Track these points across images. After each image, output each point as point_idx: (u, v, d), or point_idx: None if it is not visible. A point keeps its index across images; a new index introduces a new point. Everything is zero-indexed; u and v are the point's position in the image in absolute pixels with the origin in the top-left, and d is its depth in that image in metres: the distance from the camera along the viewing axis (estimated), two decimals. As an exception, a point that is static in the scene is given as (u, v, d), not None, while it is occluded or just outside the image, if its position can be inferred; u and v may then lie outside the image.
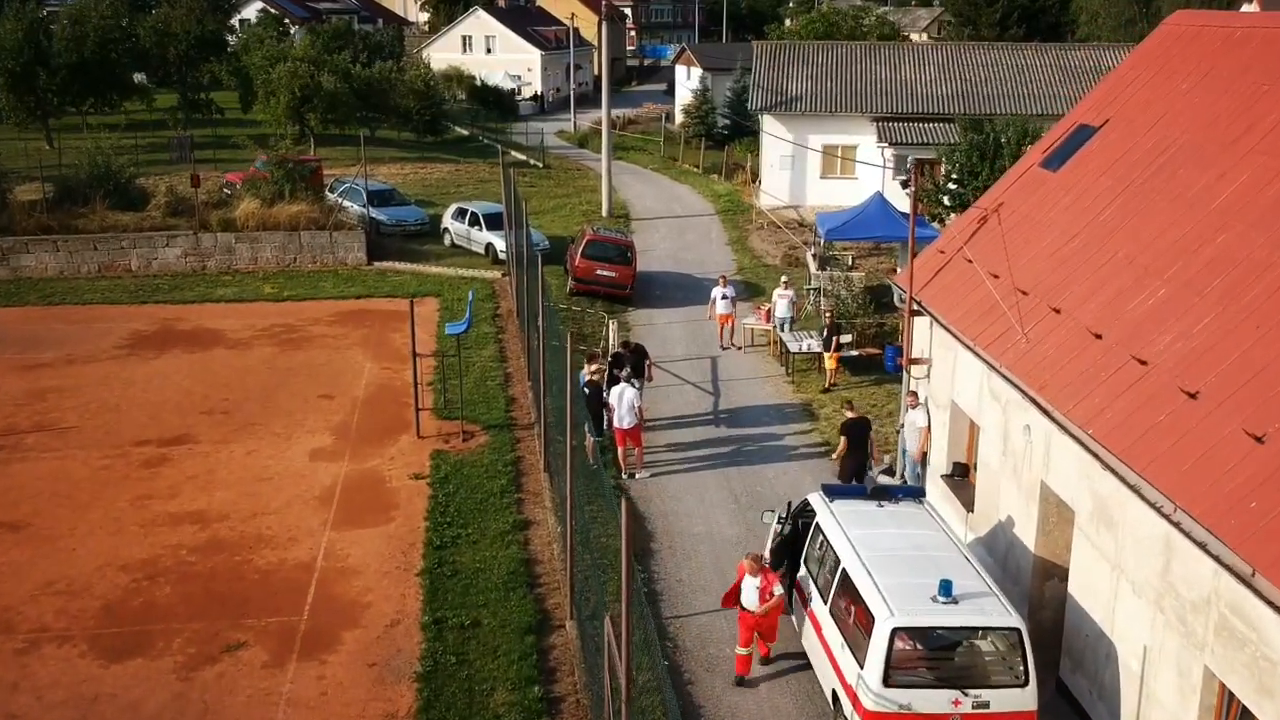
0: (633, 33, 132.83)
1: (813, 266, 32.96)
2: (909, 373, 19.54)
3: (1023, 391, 14.66)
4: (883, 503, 14.92)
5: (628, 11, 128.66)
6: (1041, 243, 16.96)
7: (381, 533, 17.97)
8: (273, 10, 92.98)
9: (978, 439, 17.60)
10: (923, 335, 19.33)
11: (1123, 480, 12.20)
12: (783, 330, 27.63)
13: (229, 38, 76.98)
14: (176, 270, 34.76)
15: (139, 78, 72.02)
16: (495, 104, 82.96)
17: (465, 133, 71.19)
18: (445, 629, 15.15)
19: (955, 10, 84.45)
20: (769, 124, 45.57)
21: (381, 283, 33.75)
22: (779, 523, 15.92)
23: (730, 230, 42.68)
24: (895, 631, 12.04)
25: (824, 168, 45.44)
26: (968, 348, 16.61)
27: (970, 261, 18.02)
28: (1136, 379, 12.82)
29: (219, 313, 30.68)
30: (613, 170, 53.62)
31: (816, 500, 15.21)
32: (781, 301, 27.86)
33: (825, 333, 26.19)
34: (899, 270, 33.58)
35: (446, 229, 38.47)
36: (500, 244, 35.63)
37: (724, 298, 28.06)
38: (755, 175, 49.19)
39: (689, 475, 21.02)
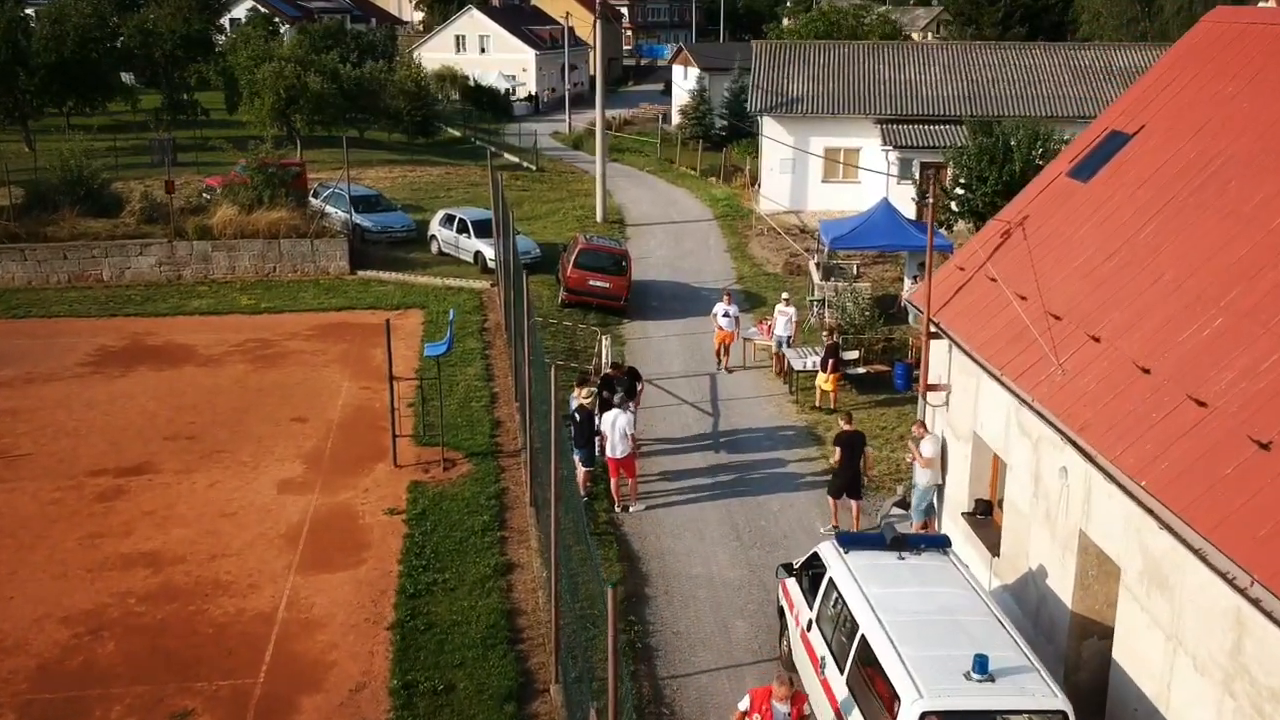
0: (629, 32, 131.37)
1: (816, 276, 31.44)
2: (926, 400, 18.01)
3: (1060, 431, 13.14)
4: (904, 555, 13.39)
5: (624, 10, 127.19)
6: (1074, 261, 15.45)
7: (351, 577, 16.43)
8: (263, 9, 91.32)
9: (1003, 475, 16.10)
10: (940, 358, 17.83)
11: (1182, 541, 10.69)
12: (779, 346, 26.06)
13: (219, 37, 75.45)
14: (150, 280, 33.21)
15: (127, 78, 70.56)
16: (489, 105, 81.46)
17: (457, 134, 69.67)
18: (416, 694, 13.61)
19: (956, 9, 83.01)
20: (769, 126, 44.07)
21: (364, 293, 32.21)
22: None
23: (729, 236, 41.17)
24: (924, 716, 10.53)
25: (826, 172, 43.96)
26: (993, 376, 15.09)
27: (994, 280, 16.52)
28: (1195, 423, 11.30)
29: (192, 326, 29.13)
30: (608, 173, 52.18)
31: (829, 552, 13.68)
32: (781, 319, 26.21)
33: (824, 354, 24.68)
34: (906, 280, 32.17)
35: (434, 236, 36.94)
36: (489, 252, 34.13)
37: (726, 315, 26.37)
38: (754, 179, 47.71)
39: (687, 508, 19.49)
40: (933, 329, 17.41)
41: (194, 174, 45.64)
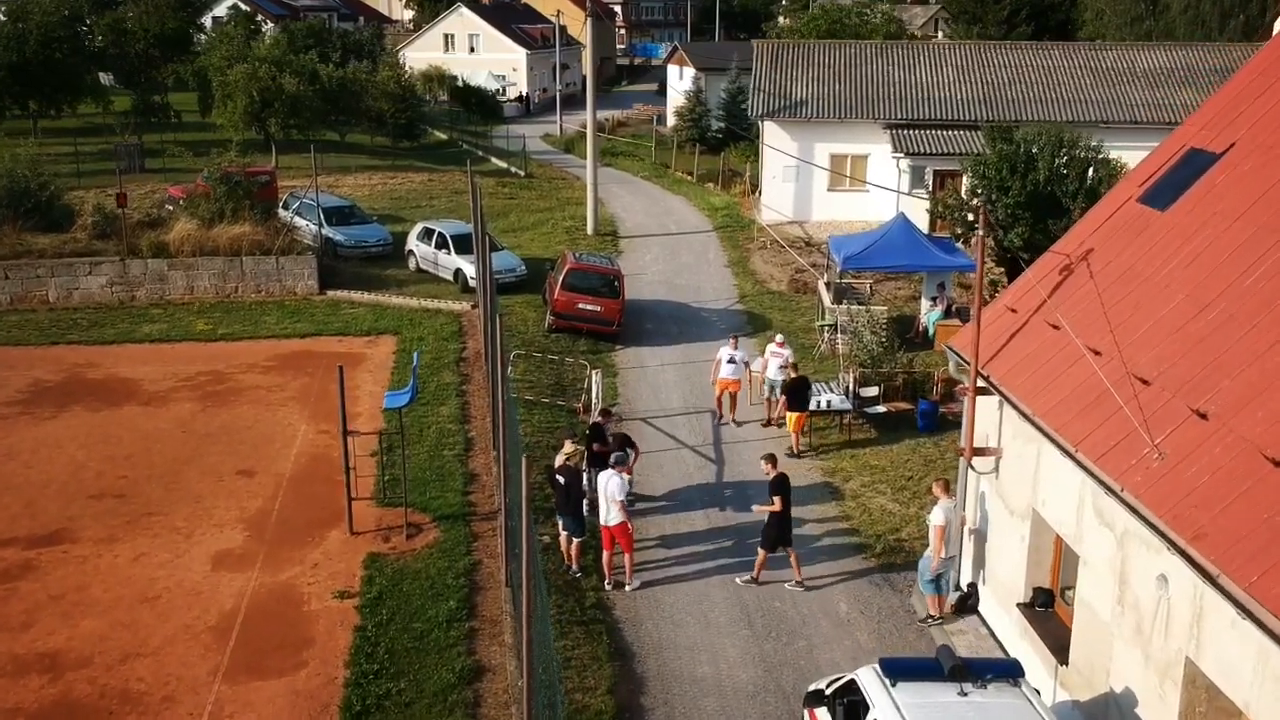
0: (622, 30, 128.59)
1: (827, 299, 28.72)
2: (972, 466, 15.31)
3: (1161, 534, 10.47)
4: (967, 688, 10.71)
5: (617, 9, 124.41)
6: (1158, 310, 12.76)
7: (288, 687, 13.70)
8: (245, 7, 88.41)
9: (1070, 564, 13.44)
10: (987, 416, 15.14)
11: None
12: (772, 391, 23.11)
13: (200, 36, 72.65)
14: (100, 302, 30.44)
15: (106, 79, 67.75)
16: (478, 106, 78.64)
17: (444, 137, 66.89)
18: None
19: (960, 8, 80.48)
20: (771, 132, 41.37)
21: (333, 317, 29.44)
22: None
23: (730, 249, 38.46)
24: None
25: (832, 180, 41.27)
26: (1065, 452, 12.40)
27: (1057, 328, 13.83)
28: (1362, 546, 8.64)
29: (139, 356, 26.36)
30: (601, 178, 49.42)
31: (871, 682, 10.99)
32: (774, 361, 23.09)
33: (780, 390, 22.11)
34: (924, 302, 29.45)
35: (411, 252, 34.18)
36: (471, 270, 31.37)
37: (730, 361, 23.10)
38: (755, 185, 45.02)
39: (689, 585, 16.79)
40: (981, 382, 14.73)
41: (162, 182, 42.88)
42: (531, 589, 9.96)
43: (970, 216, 34.86)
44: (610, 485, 16.41)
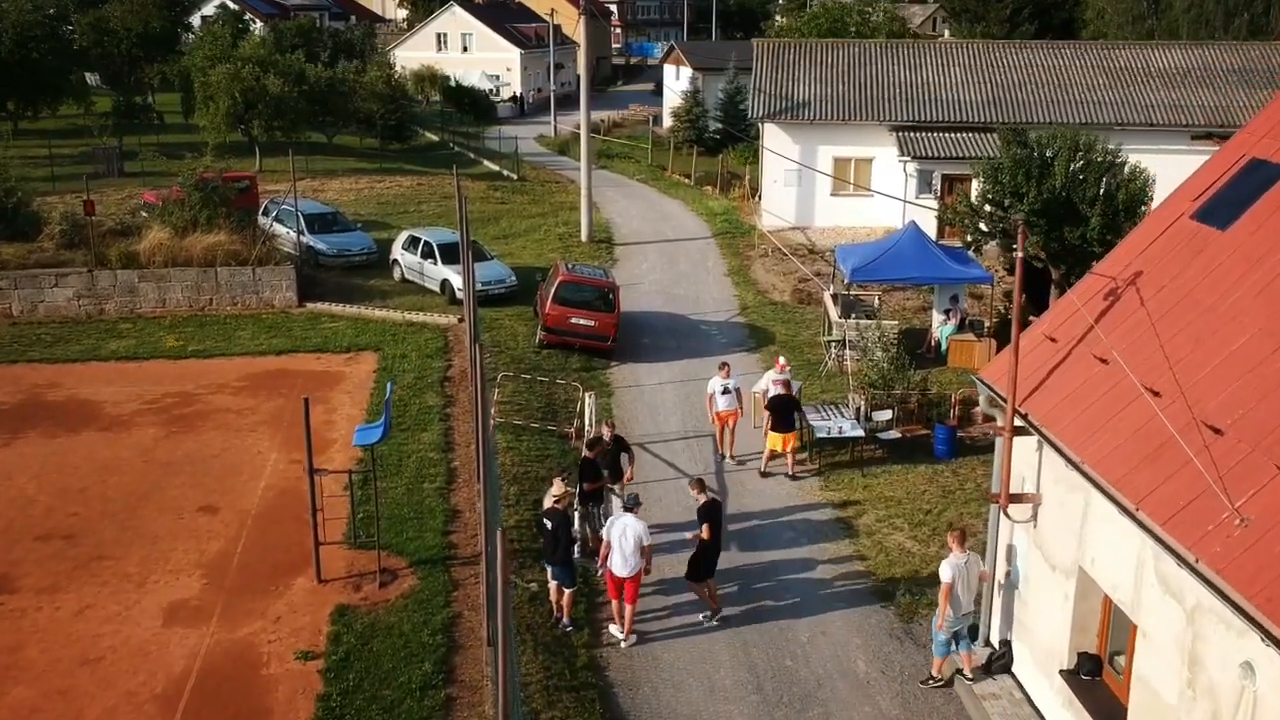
0: (618, 30, 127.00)
1: (834, 313, 27.13)
2: (1007, 514, 13.74)
3: (1246, 615, 8.92)
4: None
5: (613, 8, 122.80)
6: (1227, 345, 11.22)
7: (239, 769, 12.14)
8: (233, 5, 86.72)
9: (1117, 624, 11.90)
10: (1024, 457, 13.58)
11: None
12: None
13: (188, 35, 71.00)
14: (67, 315, 28.82)
15: (92, 79, 66.12)
16: (471, 106, 77.07)
17: (435, 139, 65.28)
18: None
19: (961, 6, 79.08)
20: (772, 134, 39.80)
21: (311, 331, 27.84)
22: None
23: (729, 257, 36.88)
24: None
25: (835, 184, 39.71)
26: (1122, 509, 10.85)
27: (1105, 362, 12.29)
28: None
29: (104, 376, 24.76)
30: (596, 181, 47.84)
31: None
32: (776, 390, 20.99)
33: (771, 406, 20.52)
34: (935, 315, 27.87)
35: (396, 261, 32.57)
36: (458, 280, 29.78)
37: (725, 392, 21.14)
38: (755, 189, 43.48)
39: (691, 641, 15.23)
40: (1019, 421, 13.16)
41: (140, 187, 41.25)
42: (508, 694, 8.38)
43: (983, 224, 33.43)
44: (630, 529, 14.87)
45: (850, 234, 38.64)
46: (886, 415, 21.85)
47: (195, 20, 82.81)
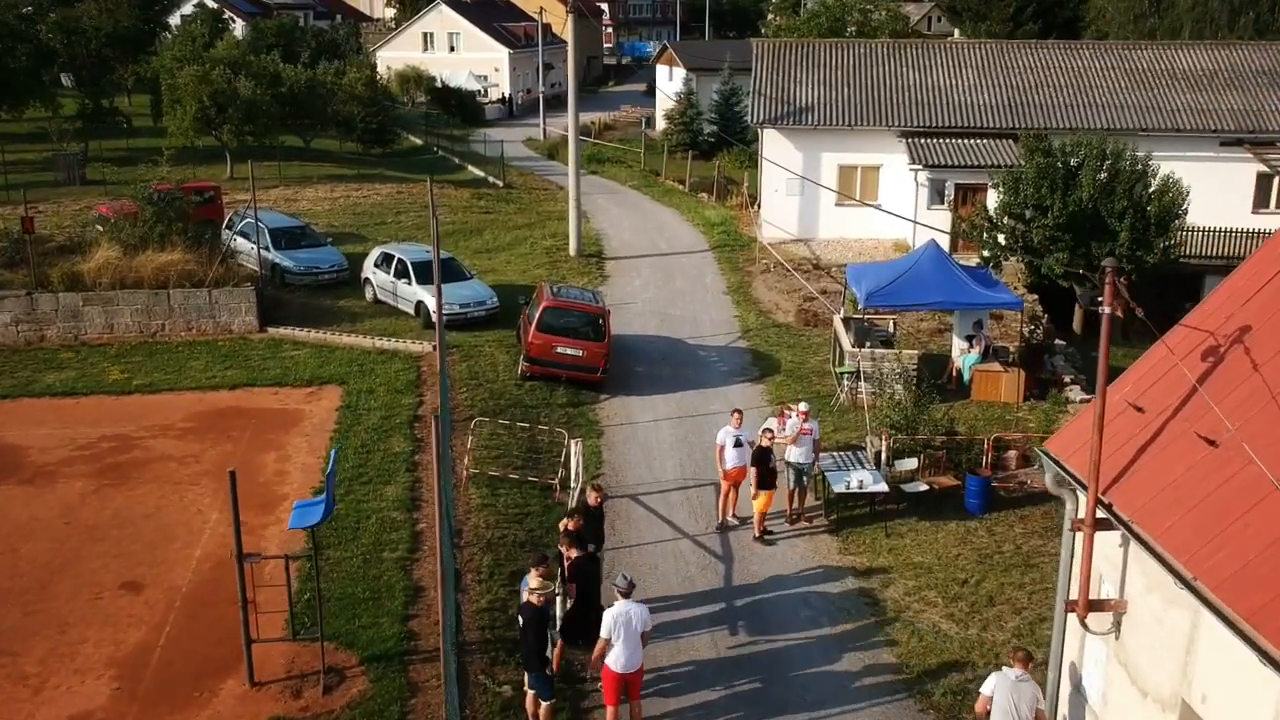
0: (610, 29, 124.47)
1: (846, 341, 24.62)
2: (1085, 625, 11.24)
3: None
4: None
5: (604, 6, 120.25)
6: (1385, 432, 8.75)
7: None
8: (212, 4, 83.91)
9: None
10: (1106, 553, 11.11)
11: None
12: (799, 478, 18.74)
13: (167, 35, 68.16)
14: (3, 343, 26.25)
15: (68, 80, 63.43)
16: (458, 108, 74.54)
17: (419, 142, 62.69)
18: None
19: (961, 5, 76.81)
20: (772, 140, 37.34)
21: (271, 361, 25.29)
22: None
23: (729, 273, 34.37)
24: None
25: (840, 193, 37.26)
26: (1257, 649, 8.37)
27: (1212, 444, 9.83)
28: None
29: (35, 415, 22.22)
30: (586, 188, 45.40)
31: None
32: (803, 439, 18.58)
33: (753, 458, 18.05)
34: (955, 344, 25.35)
35: (368, 280, 30.02)
36: (435, 302, 27.19)
37: (737, 444, 18.33)
38: (754, 198, 41.00)
39: (696, 759, 12.77)
40: (1100, 511, 10.68)
41: (101, 197, 38.58)
42: None
43: (1001, 238, 31.01)
44: (636, 617, 12.59)
45: (857, 247, 36.23)
46: (911, 464, 19.38)
47: (175, 20, 79.96)
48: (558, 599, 13.93)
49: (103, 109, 53.48)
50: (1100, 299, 10.61)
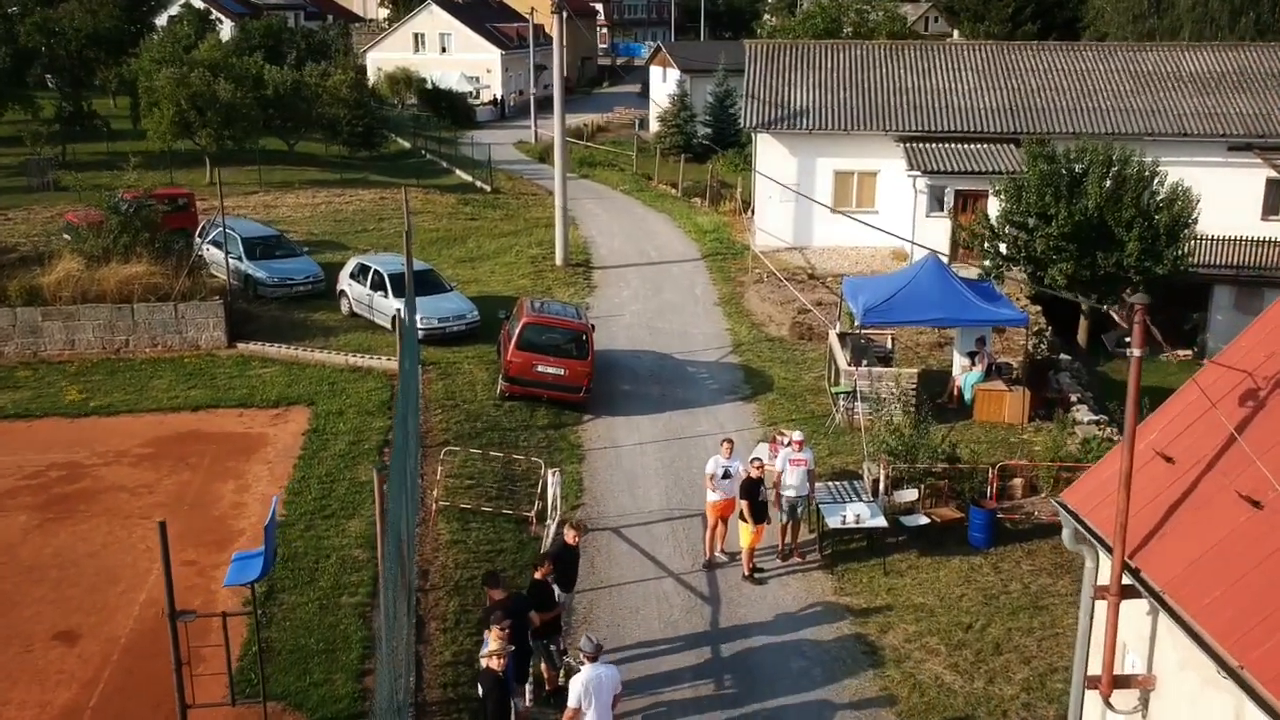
0: (604, 29, 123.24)
1: (842, 359, 23.39)
2: (1111, 705, 10.02)
3: None
4: None
5: (599, 7, 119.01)
6: None
7: None
8: (200, 4, 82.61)
9: None
10: (1133, 624, 9.90)
11: None
12: (791, 516, 17.53)
13: (152, 36, 66.87)
14: (-42, 360, 25.05)
15: (53, 82, 62.21)
16: (448, 110, 73.26)
17: (407, 145, 61.43)
18: None
19: (959, 5, 75.78)
20: (766, 146, 36.14)
21: (238, 380, 24.06)
22: None
23: (720, 283, 33.16)
24: None
25: (837, 197, 36.08)
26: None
27: (1257, 505, 8.64)
28: None
29: (-16, 439, 21.00)
30: (576, 193, 44.46)
31: None
32: (795, 470, 17.32)
33: (742, 491, 16.81)
34: (956, 361, 24.11)
35: (343, 292, 28.80)
36: (416, 316, 25.94)
37: (726, 475, 17.10)
38: (747, 203, 39.81)
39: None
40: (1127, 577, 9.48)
41: (76, 203, 37.24)
42: None
43: (1003, 247, 29.86)
44: (608, 679, 11.41)
45: (854, 255, 35.04)
46: (911, 495, 18.18)
47: (163, 20, 78.65)
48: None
49: (80, 112, 52.21)
50: (1127, 339, 9.40)
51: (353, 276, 28.53)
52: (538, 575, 13.48)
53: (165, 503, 18.26)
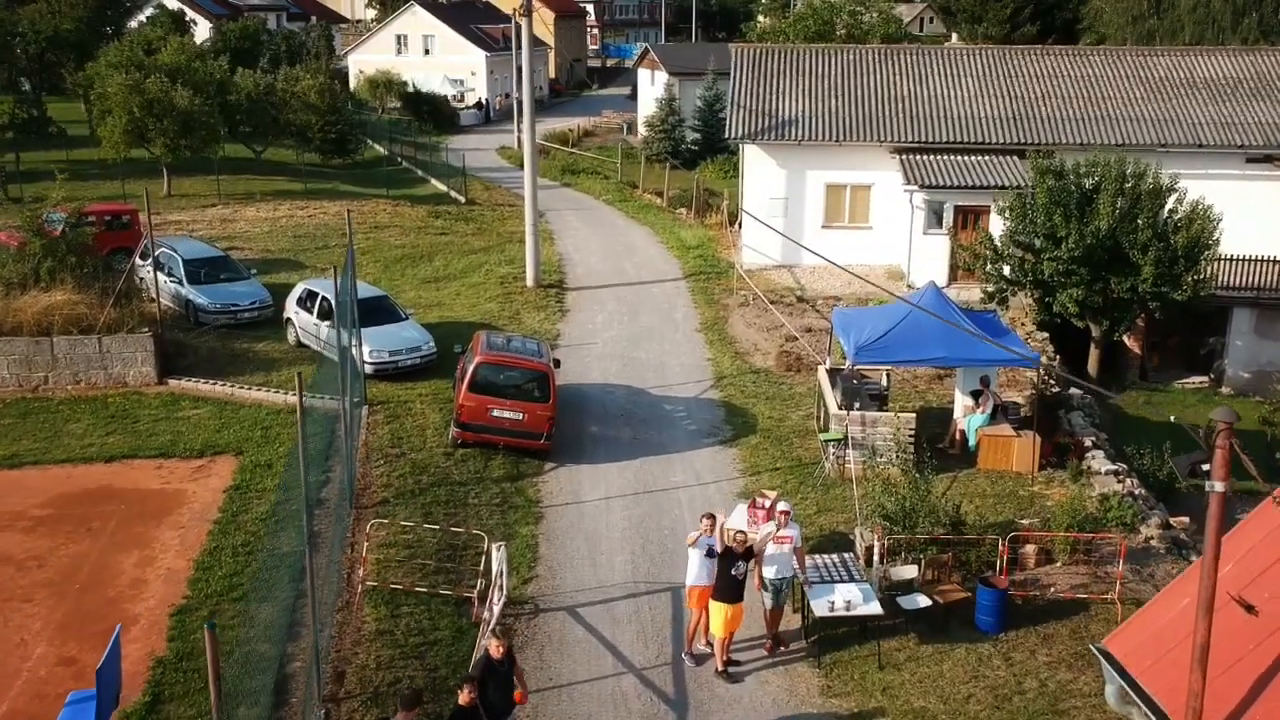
0: (595, 30, 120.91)
1: (832, 401, 21.01)
2: None
3: None
4: None
5: (589, 8, 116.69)
6: None
7: None
8: (179, 5, 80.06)
9: None
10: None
11: None
12: (777, 596, 15.21)
13: (124, 38, 64.50)
14: None
15: (25, 85, 59.92)
16: (431, 114, 70.93)
17: (385, 152, 59.04)
18: None
19: (955, 6, 73.64)
20: (753, 157, 33.84)
21: (163, 423, 21.67)
22: None
23: (703, 307, 30.79)
24: None
25: (828, 215, 33.79)
26: None
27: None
28: None
29: None
30: (556, 204, 42.35)
31: None
32: (781, 549, 14.99)
33: (719, 560, 14.56)
34: (958, 400, 21.69)
35: (290, 320, 26.43)
36: (365, 349, 23.64)
37: (710, 555, 14.71)
38: (734, 217, 37.52)
39: None
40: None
41: (16, 220, 34.84)
42: None
43: (1007, 269, 27.60)
44: None
45: (845, 276, 32.66)
46: (910, 572, 15.84)
47: (137, 22, 76.15)
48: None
49: (33, 118, 49.75)
50: (1206, 466, 7.05)
51: (299, 303, 26.15)
52: (462, 701, 11.16)
53: (54, 580, 15.89)
